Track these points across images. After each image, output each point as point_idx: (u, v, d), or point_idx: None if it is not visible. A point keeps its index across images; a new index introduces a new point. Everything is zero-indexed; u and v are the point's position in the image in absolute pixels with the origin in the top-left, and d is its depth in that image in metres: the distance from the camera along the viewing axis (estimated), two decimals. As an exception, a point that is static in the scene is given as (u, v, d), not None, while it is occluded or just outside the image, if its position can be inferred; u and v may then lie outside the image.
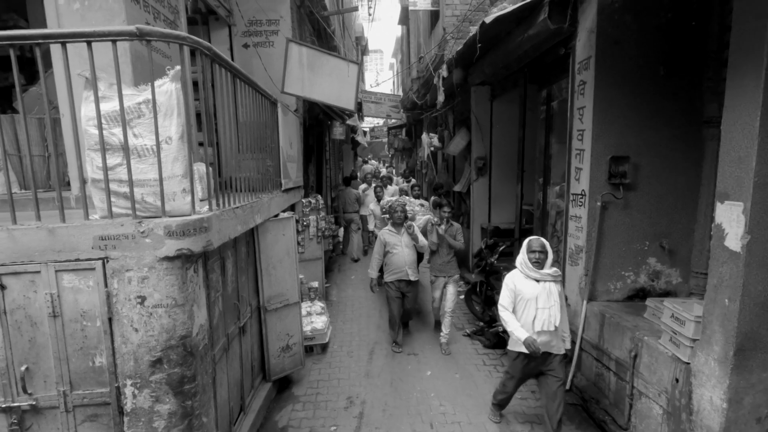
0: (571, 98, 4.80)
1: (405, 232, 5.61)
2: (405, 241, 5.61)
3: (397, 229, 5.68)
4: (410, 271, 5.60)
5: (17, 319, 2.52)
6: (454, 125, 10.11)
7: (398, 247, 5.58)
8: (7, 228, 2.44)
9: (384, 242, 5.62)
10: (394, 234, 5.65)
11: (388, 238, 5.63)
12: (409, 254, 5.60)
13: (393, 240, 5.62)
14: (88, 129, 2.43)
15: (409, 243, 5.62)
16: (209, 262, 3.01)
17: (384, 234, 5.68)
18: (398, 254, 5.57)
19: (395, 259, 5.57)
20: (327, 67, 5.74)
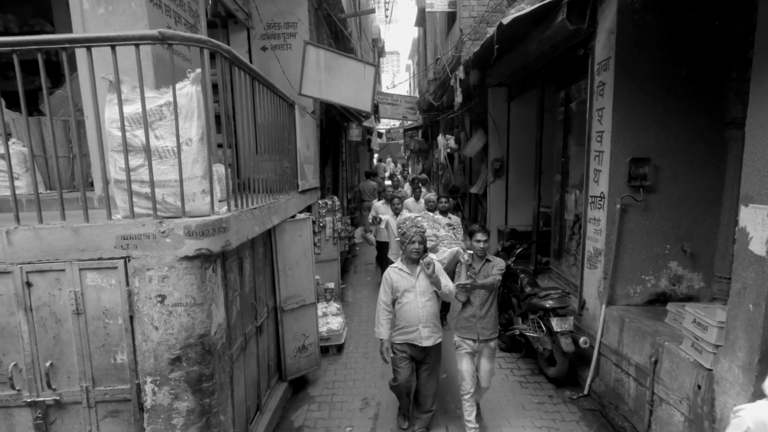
0: (590, 99, 4.74)
1: (422, 272, 3.78)
2: (421, 286, 3.76)
3: (410, 267, 3.82)
4: (426, 331, 3.75)
5: (42, 315, 2.59)
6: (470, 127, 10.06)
7: (411, 293, 3.76)
8: (33, 227, 2.51)
9: (391, 285, 3.81)
10: (406, 275, 3.80)
11: (397, 280, 3.79)
12: (426, 305, 3.76)
13: (404, 283, 3.78)
14: (112, 131, 2.49)
15: (427, 288, 3.78)
16: (227, 262, 3.05)
17: (391, 274, 3.85)
18: (410, 304, 3.75)
19: (406, 311, 3.77)
20: (344, 69, 5.77)
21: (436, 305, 3.90)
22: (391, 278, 3.82)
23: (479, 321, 3.87)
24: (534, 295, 5.01)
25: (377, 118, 15.40)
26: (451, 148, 10.96)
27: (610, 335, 4.40)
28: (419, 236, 3.74)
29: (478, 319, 3.87)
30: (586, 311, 4.92)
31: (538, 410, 4.37)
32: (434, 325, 3.83)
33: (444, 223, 5.39)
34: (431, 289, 3.81)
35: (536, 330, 4.94)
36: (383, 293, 3.86)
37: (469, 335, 3.88)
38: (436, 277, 3.70)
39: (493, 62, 6.87)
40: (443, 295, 3.83)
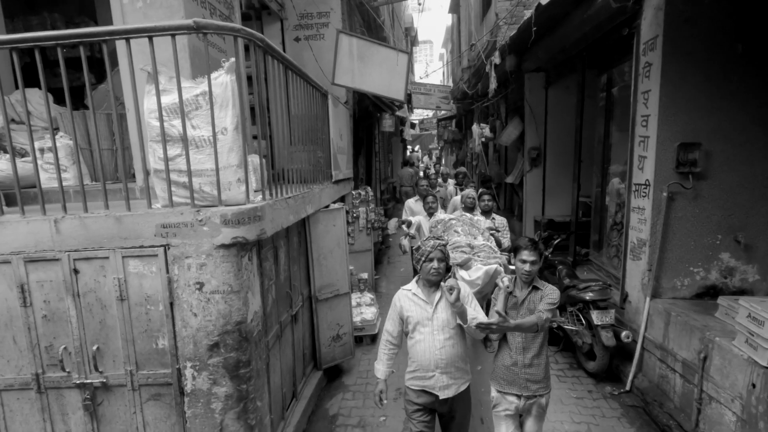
0: (634, 82, 4.51)
1: (443, 300, 2.77)
2: (441, 319, 2.76)
3: (427, 292, 2.83)
4: (446, 378, 2.78)
5: (89, 301, 2.69)
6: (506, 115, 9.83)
7: (426, 328, 2.77)
8: (79, 216, 2.61)
9: (400, 313, 2.87)
10: (421, 302, 2.81)
11: (409, 309, 2.83)
12: (445, 344, 2.75)
13: (417, 313, 2.80)
14: (150, 121, 2.54)
15: (449, 322, 2.77)
16: (263, 250, 3.08)
17: (401, 299, 2.88)
18: (424, 342, 2.77)
19: (419, 351, 2.79)
20: (377, 57, 5.72)
21: (462, 345, 2.84)
22: (401, 305, 2.85)
23: (524, 370, 2.84)
24: (573, 287, 4.86)
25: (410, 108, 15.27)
26: (486, 137, 10.74)
27: (654, 329, 4.21)
28: (439, 251, 2.74)
29: (521, 367, 2.84)
30: (628, 304, 4.73)
31: (577, 405, 4.24)
32: (457, 369, 2.81)
33: (484, 227, 4.48)
34: (454, 323, 2.77)
35: (575, 323, 4.79)
36: (389, 321, 2.94)
37: (511, 389, 2.88)
38: (461, 307, 2.64)
39: (531, 46, 6.65)
40: (471, 331, 2.75)
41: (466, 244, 4.00)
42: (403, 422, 4.07)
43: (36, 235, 2.61)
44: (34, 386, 2.76)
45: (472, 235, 4.25)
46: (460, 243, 3.94)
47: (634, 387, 4.38)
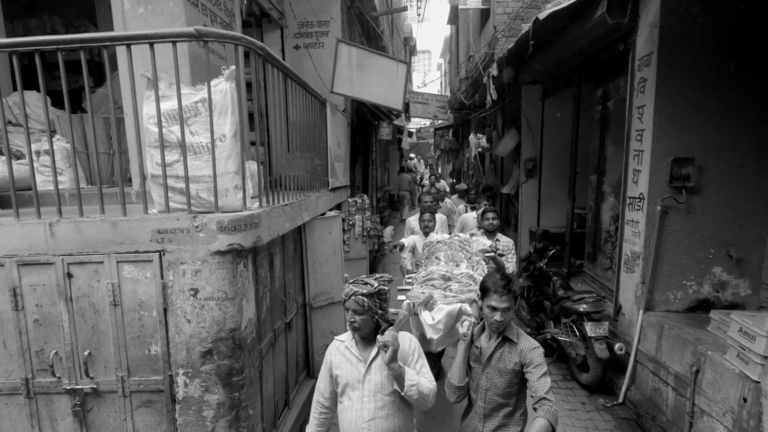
0: (629, 96, 4.56)
1: (380, 356, 2.21)
2: (374, 382, 2.23)
3: (362, 345, 2.30)
4: None
5: (82, 306, 2.67)
6: (503, 126, 9.90)
7: (355, 392, 2.25)
8: (74, 220, 2.60)
9: (330, 369, 2.33)
10: (353, 358, 2.28)
11: (339, 365, 2.30)
12: (376, 417, 2.22)
13: (347, 371, 2.27)
14: (149, 127, 2.55)
15: (383, 386, 2.23)
16: (258, 257, 3.08)
17: (332, 351, 2.36)
18: (350, 411, 2.24)
19: (344, 421, 2.28)
20: (376, 66, 5.76)
21: (401, 417, 2.26)
22: (331, 360, 2.32)
23: (499, 424, 2.34)
24: (567, 299, 4.87)
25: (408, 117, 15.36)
26: (482, 147, 10.80)
27: (647, 342, 4.23)
28: (353, 302, 2.15)
29: (497, 426, 2.34)
30: (622, 316, 4.74)
31: (570, 417, 4.24)
32: None
33: (477, 249, 3.87)
34: (390, 388, 2.20)
35: (569, 334, 4.80)
36: (320, 377, 2.38)
37: None
38: (397, 370, 2.11)
39: (528, 59, 6.71)
40: (412, 400, 2.19)
41: (439, 276, 3.18)
42: None
43: (30, 239, 2.60)
44: (23, 391, 2.73)
45: (455, 262, 3.53)
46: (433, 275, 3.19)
47: (626, 399, 4.39)
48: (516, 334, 2.36)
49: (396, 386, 2.20)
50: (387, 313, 2.27)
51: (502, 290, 2.25)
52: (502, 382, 2.32)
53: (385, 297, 2.25)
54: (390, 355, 2.10)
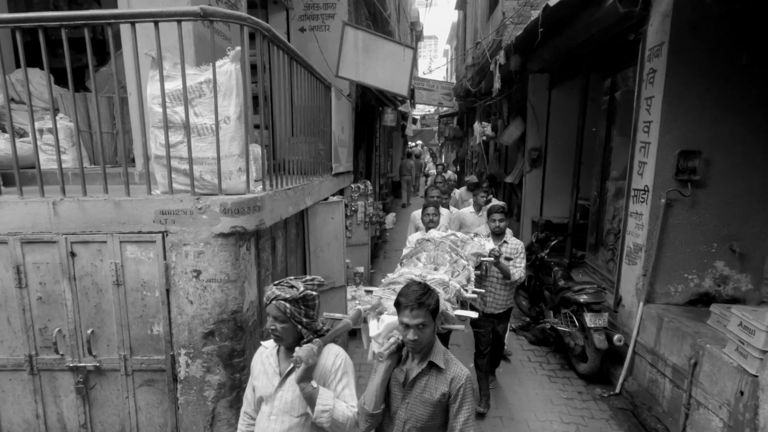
0: (638, 87, 4.51)
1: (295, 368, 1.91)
2: (284, 400, 1.98)
3: (284, 355, 2.05)
4: None
5: (85, 285, 2.68)
6: (508, 114, 9.82)
7: (266, 406, 2.02)
8: (78, 199, 2.60)
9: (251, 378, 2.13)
10: (270, 367, 2.05)
11: (257, 373, 2.09)
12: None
13: (263, 383, 2.04)
14: (153, 107, 2.53)
15: (294, 406, 1.97)
16: (261, 241, 3.08)
17: (256, 357, 2.15)
18: (259, 426, 2.04)
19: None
20: (382, 51, 5.69)
21: None
22: (253, 366, 2.12)
23: None
24: (568, 289, 4.88)
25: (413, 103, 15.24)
26: (487, 135, 10.73)
27: (646, 334, 4.24)
28: (274, 307, 1.89)
29: None
30: (621, 308, 4.76)
31: (566, 406, 4.28)
32: None
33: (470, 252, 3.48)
34: (301, 410, 1.95)
35: (568, 325, 4.82)
36: (248, 385, 2.15)
37: None
38: (309, 392, 1.85)
39: (536, 47, 6.62)
40: (323, 427, 1.91)
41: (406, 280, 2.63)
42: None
43: (34, 217, 2.61)
44: (27, 367, 2.76)
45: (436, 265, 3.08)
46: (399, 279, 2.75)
47: (623, 390, 4.42)
48: (444, 359, 1.99)
49: (308, 408, 1.91)
50: (315, 322, 1.99)
51: (413, 304, 1.90)
52: (424, 414, 1.96)
53: (313, 303, 1.96)
54: (301, 373, 1.83)
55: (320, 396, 1.86)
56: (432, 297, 1.96)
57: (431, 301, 1.94)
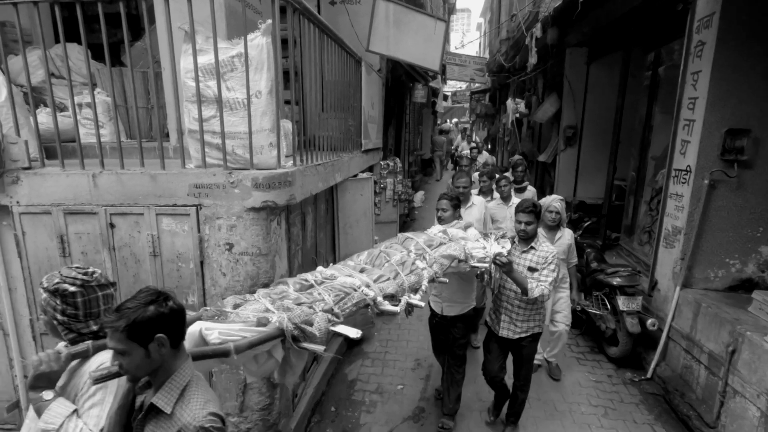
0: (684, 61, 4.26)
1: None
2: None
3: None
4: None
5: (124, 255, 2.78)
6: (543, 90, 9.51)
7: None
8: (116, 172, 2.67)
9: None
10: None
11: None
12: None
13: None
14: (186, 81, 2.55)
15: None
16: (291, 215, 3.11)
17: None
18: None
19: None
20: (413, 24, 5.56)
21: None
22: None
23: None
24: (600, 271, 4.77)
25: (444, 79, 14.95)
26: (520, 113, 10.45)
27: (682, 319, 4.11)
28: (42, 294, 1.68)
29: None
30: (657, 292, 4.62)
31: (595, 389, 4.23)
32: None
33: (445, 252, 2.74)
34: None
35: (600, 307, 4.72)
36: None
37: None
38: (37, 403, 1.54)
39: (576, 19, 6.34)
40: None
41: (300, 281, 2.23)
42: (420, 392, 4.15)
43: (75, 189, 2.70)
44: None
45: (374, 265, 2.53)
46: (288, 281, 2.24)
47: (655, 375, 4.33)
48: (178, 397, 1.45)
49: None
50: (79, 323, 1.66)
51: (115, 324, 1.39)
52: None
53: (73, 302, 1.64)
54: (30, 380, 1.55)
55: (48, 410, 1.51)
56: (141, 313, 1.39)
57: (134, 319, 1.37)
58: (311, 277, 2.22)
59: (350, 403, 3.99)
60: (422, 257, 2.65)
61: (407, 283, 2.39)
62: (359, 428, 3.69)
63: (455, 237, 3.00)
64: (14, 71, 3.57)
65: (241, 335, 1.71)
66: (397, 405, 3.97)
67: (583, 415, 3.86)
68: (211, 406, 1.45)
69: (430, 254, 2.69)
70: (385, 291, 2.23)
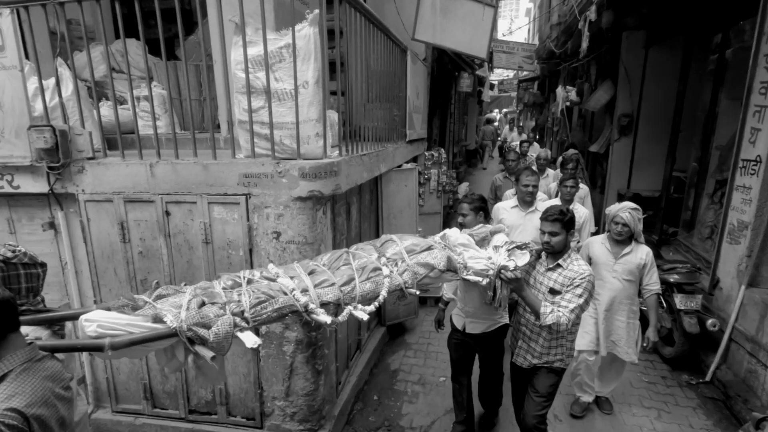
0: (756, 42, 3.93)
1: None
2: None
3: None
4: None
5: (178, 242, 2.90)
6: (596, 77, 9.09)
7: None
8: (171, 162, 2.78)
9: None
10: None
11: None
12: None
13: None
14: (237, 72, 2.61)
15: None
16: (336, 205, 3.13)
17: None
18: None
19: None
20: (461, 11, 5.43)
21: None
22: None
23: None
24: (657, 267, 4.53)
25: (491, 67, 14.59)
26: (571, 101, 10.04)
27: (746, 320, 3.85)
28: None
29: None
30: (718, 291, 4.34)
31: (648, 390, 4.04)
32: None
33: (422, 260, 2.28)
34: None
35: (655, 305, 4.49)
36: None
37: None
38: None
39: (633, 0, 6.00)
40: None
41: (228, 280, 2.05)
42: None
43: (134, 178, 2.83)
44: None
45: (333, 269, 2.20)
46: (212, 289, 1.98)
47: (715, 378, 4.08)
48: None
49: None
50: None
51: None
52: None
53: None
54: None
55: None
56: None
57: None
58: (242, 275, 2.04)
59: (392, 393, 4.01)
60: (395, 263, 2.25)
61: (359, 291, 2.08)
62: (401, 418, 3.71)
63: (453, 243, 2.48)
64: (78, 66, 3.78)
65: (127, 330, 1.62)
66: (439, 397, 3.95)
67: (634, 417, 3.71)
68: (15, 401, 1.29)
69: (407, 261, 2.26)
70: (322, 298, 2.00)
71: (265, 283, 1.99)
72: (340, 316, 2.00)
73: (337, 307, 2.05)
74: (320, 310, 1.95)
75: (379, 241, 2.44)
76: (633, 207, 3.31)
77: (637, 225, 3.30)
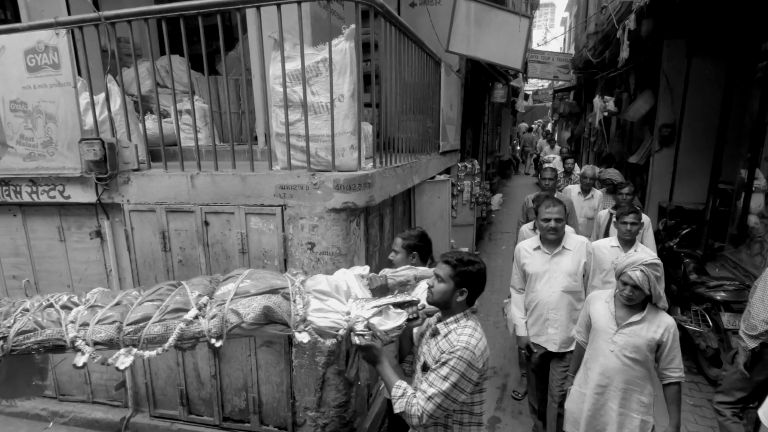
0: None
1: None
2: None
3: None
4: None
5: (216, 251, 2.98)
6: (636, 87, 8.84)
7: None
8: (211, 173, 2.87)
9: None
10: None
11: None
12: None
13: None
14: (275, 87, 2.68)
15: None
16: (370, 217, 3.15)
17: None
18: None
19: None
20: (495, 22, 5.42)
21: None
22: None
23: None
24: (701, 284, 4.33)
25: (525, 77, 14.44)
26: (609, 111, 9.79)
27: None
28: None
29: None
30: None
31: (692, 413, 3.84)
32: None
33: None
34: None
35: (699, 324, 4.29)
36: None
37: None
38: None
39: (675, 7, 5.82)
40: None
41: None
42: (495, 401, 4.02)
43: (176, 189, 2.93)
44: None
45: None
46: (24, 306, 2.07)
47: (767, 403, 3.84)
48: None
49: None
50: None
51: None
52: None
53: None
54: None
55: None
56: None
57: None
58: (52, 299, 1.99)
59: (424, 407, 3.96)
60: (219, 305, 1.96)
61: (146, 334, 1.86)
62: None
63: (308, 289, 2.02)
64: (126, 82, 3.97)
65: None
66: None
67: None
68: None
69: (225, 305, 1.94)
70: (93, 336, 1.85)
71: (43, 314, 1.93)
72: (111, 358, 1.83)
73: (113, 346, 1.89)
74: (89, 348, 1.84)
75: (225, 276, 2.18)
76: (649, 263, 2.35)
77: (655, 286, 2.34)
